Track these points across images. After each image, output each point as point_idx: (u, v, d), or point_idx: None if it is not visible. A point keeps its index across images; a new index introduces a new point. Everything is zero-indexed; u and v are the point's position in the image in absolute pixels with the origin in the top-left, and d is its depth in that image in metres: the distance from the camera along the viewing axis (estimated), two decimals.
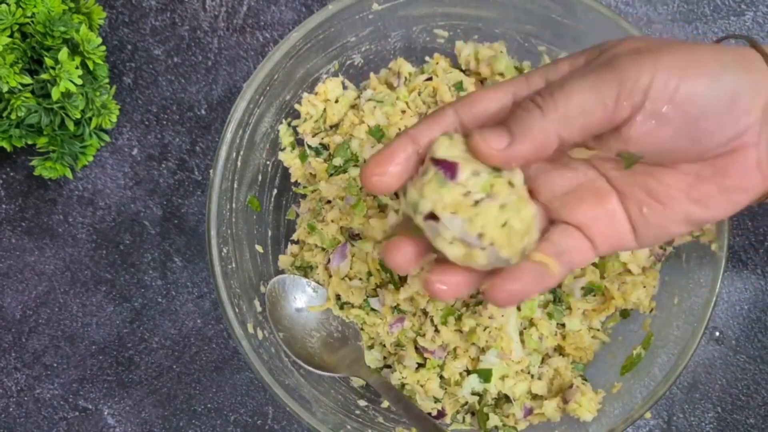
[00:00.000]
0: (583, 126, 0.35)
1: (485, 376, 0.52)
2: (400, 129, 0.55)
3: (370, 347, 0.56)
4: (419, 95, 0.56)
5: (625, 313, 0.55)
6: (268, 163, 0.56)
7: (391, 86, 0.57)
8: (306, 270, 0.56)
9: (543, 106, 0.35)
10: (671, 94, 0.34)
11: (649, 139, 0.36)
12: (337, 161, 0.55)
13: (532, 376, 0.54)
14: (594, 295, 0.54)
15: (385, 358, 0.56)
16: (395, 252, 0.39)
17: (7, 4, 0.53)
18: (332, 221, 0.55)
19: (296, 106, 0.56)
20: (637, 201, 0.40)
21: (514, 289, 0.37)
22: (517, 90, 0.38)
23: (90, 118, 0.58)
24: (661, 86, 0.34)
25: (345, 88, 0.57)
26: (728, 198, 0.38)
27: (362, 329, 0.55)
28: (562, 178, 0.40)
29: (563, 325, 0.54)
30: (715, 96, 0.35)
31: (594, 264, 0.53)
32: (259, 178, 0.56)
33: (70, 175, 0.59)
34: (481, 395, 0.54)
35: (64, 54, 0.53)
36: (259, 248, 0.56)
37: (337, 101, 0.57)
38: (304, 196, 0.58)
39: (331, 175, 0.56)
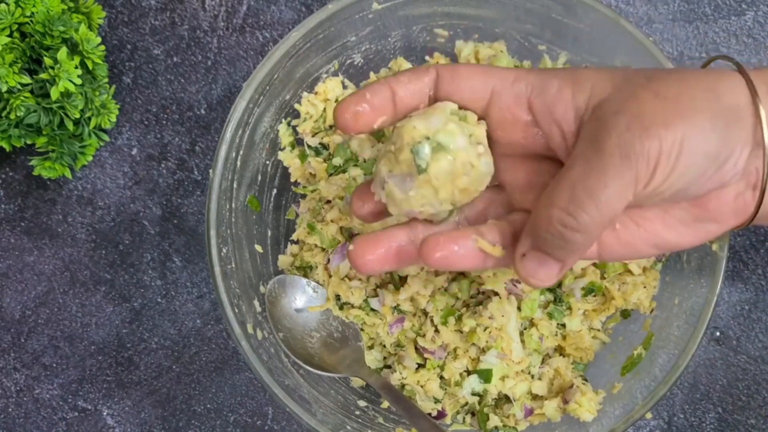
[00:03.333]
0: (613, 217, 0.35)
1: (485, 376, 0.52)
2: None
3: (370, 347, 0.56)
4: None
5: (625, 314, 0.55)
6: (267, 162, 0.56)
7: None
8: (306, 270, 0.56)
9: (580, 226, 0.34)
10: (670, 177, 0.34)
11: (656, 196, 0.36)
12: (337, 161, 0.55)
13: (533, 377, 0.54)
14: (594, 296, 0.54)
15: (385, 358, 0.56)
16: (360, 202, 0.41)
17: (7, 3, 0.53)
18: (332, 221, 0.55)
19: (296, 105, 0.56)
20: None
21: (450, 249, 0.38)
22: (498, 85, 0.38)
23: (89, 118, 0.58)
24: (667, 151, 0.34)
25: (345, 87, 0.57)
26: (701, 227, 0.39)
27: (362, 329, 0.55)
28: (533, 172, 0.40)
29: (564, 326, 0.54)
30: (703, 168, 0.35)
31: (594, 264, 0.53)
32: (259, 177, 0.56)
33: (69, 175, 0.59)
34: (481, 395, 0.54)
35: (63, 53, 0.53)
36: (258, 248, 0.56)
37: (337, 101, 0.57)
38: (303, 196, 0.58)
39: (331, 174, 0.56)
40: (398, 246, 0.40)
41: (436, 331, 0.53)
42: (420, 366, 0.54)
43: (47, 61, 0.53)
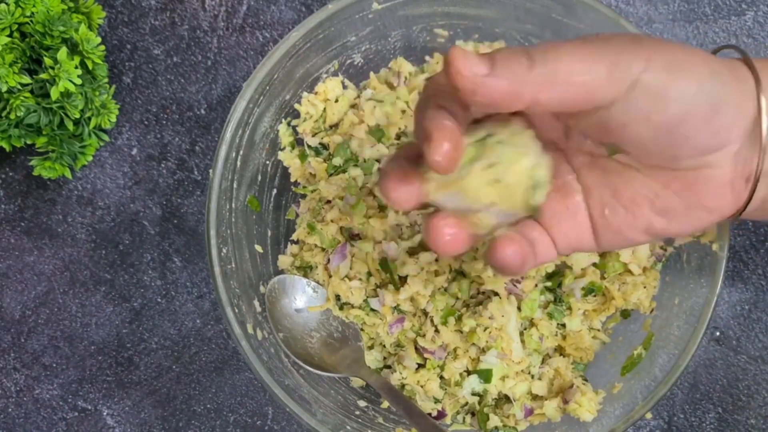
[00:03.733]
0: (563, 94, 0.33)
1: (485, 376, 0.52)
2: (400, 129, 0.55)
3: (370, 347, 0.56)
4: (419, 95, 0.56)
5: (625, 314, 0.55)
6: (267, 162, 0.56)
7: (391, 86, 0.57)
8: (306, 270, 0.56)
9: (533, 58, 0.33)
10: (657, 91, 0.34)
11: (627, 130, 0.35)
12: (337, 161, 0.55)
13: (533, 377, 0.54)
14: (594, 296, 0.54)
15: (385, 358, 0.56)
16: (397, 184, 0.36)
17: (6, 3, 0.53)
18: (332, 221, 0.55)
19: (296, 105, 0.56)
20: (600, 200, 0.39)
21: (509, 252, 0.37)
22: None
23: (89, 118, 0.58)
24: (650, 80, 0.34)
25: (345, 87, 0.57)
26: (691, 214, 0.38)
27: (362, 329, 0.55)
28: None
29: (564, 326, 0.54)
30: (698, 101, 0.34)
31: (594, 264, 0.53)
32: (259, 177, 0.56)
33: (69, 175, 0.59)
34: (481, 395, 0.54)
35: (63, 53, 0.53)
36: (258, 248, 0.56)
37: (336, 101, 0.57)
38: (303, 196, 0.58)
39: (331, 174, 0.56)
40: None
41: (436, 331, 0.53)
42: (420, 366, 0.54)
43: (47, 61, 0.53)
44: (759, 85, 0.36)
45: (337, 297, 0.54)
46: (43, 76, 0.53)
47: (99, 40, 0.55)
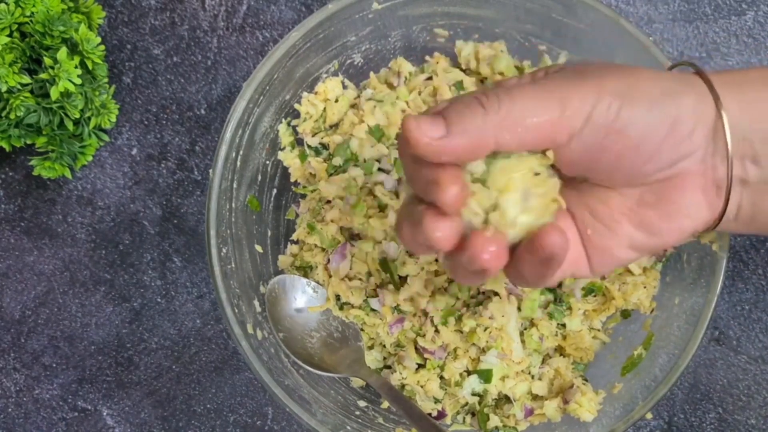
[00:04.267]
0: (522, 137, 0.34)
1: (485, 376, 0.52)
2: (400, 128, 0.55)
3: (370, 347, 0.56)
4: (419, 95, 0.56)
5: (625, 314, 0.55)
6: (267, 162, 0.56)
7: (391, 86, 0.57)
8: (306, 270, 0.56)
9: (486, 105, 0.34)
10: (611, 121, 0.34)
11: (588, 163, 0.36)
12: (337, 161, 0.55)
13: (533, 377, 0.54)
14: (594, 296, 0.54)
15: (385, 358, 0.56)
16: (439, 225, 0.35)
17: (6, 3, 0.53)
18: (332, 221, 0.55)
19: (296, 105, 0.56)
20: (582, 222, 0.40)
21: (557, 240, 0.35)
22: None
23: (89, 118, 0.58)
24: (602, 112, 0.34)
25: (345, 87, 0.57)
26: (670, 225, 0.38)
27: (362, 329, 0.55)
28: None
29: (564, 326, 0.54)
30: (654, 121, 0.35)
31: None
32: (259, 177, 0.56)
33: (69, 175, 0.59)
34: (481, 396, 0.54)
35: (63, 53, 0.53)
36: (258, 248, 0.56)
37: (336, 101, 0.57)
38: (303, 196, 0.58)
39: (331, 174, 0.56)
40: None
41: (436, 331, 0.53)
42: (420, 366, 0.54)
43: (47, 61, 0.53)
44: (718, 101, 0.36)
45: (337, 297, 0.54)
46: (42, 76, 0.53)
47: (99, 40, 0.55)
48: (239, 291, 0.52)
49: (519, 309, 0.52)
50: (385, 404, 0.55)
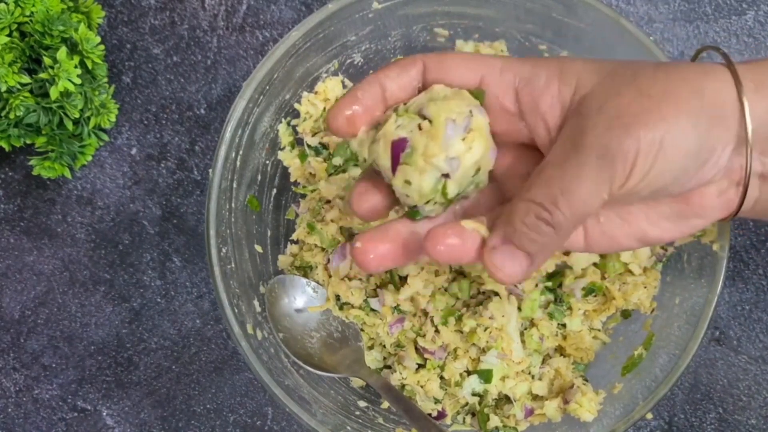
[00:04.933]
0: (586, 216, 0.35)
1: (486, 376, 0.52)
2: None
3: (370, 348, 0.56)
4: None
5: (626, 314, 0.55)
6: (267, 162, 0.56)
7: None
8: (306, 270, 0.56)
9: (554, 223, 0.34)
10: (656, 152, 0.34)
11: (634, 195, 0.36)
12: (337, 161, 0.55)
13: (533, 377, 0.54)
14: (595, 296, 0.54)
15: (385, 358, 0.56)
16: (361, 199, 0.40)
17: (6, 3, 0.53)
18: (332, 221, 0.55)
19: (296, 105, 0.56)
20: None
21: (454, 241, 0.37)
22: (487, 74, 0.38)
23: (89, 118, 0.57)
24: (645, 151, 0.34)
25: (345, 87, 0.57)
26: (685, 222, 0.39)
27: (362, 329, 0.55)
28: (525, 159, 0.40)
29: (564, 326, 0.54)
30: (685, 166, 0.35)
31: (595, 264, 0.53)
32: (259, 177, 0.56)
33: (68, 175, 0.59)
34: (481, 396, 0.54)
35: (62, 53, 0.53)
36: (258, 248, 0.55)
37: (336, 100, 0.57)
38: (303, 196, 0.58)
39: (331, 174, 0.56)
40: (403, 240, 0.39)
41: (437, 331, 0.53)
42: (420, 366, 0.54)
43: (47, 60, 0.53)
44: (740, 86, 0.35)
45: (337, 297, 0.54)
46: (42, 75, 0.53)
47: (98, 39, 0.55)
48: (239, 291, 0.52)
49: (519, 309, 0.52)
50: (385, 404, 0.55)
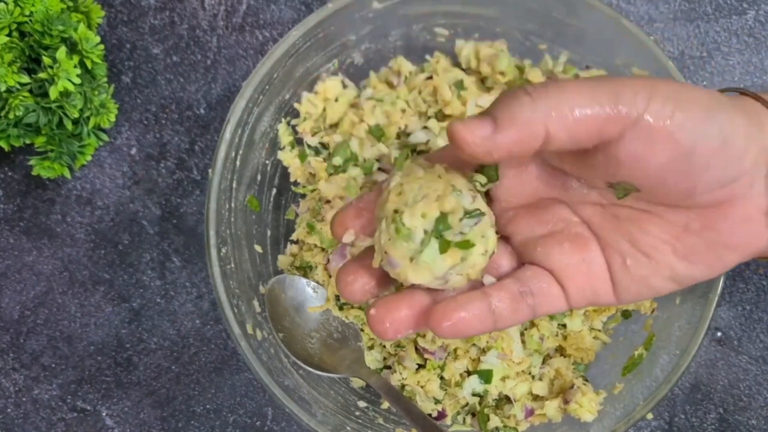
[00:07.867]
0: (573, 128, 0.32)
1: (486, 376, 0.52)
2: (400, 128, 0.55)
3: (370, 348, 0.55)
4: (419, 94, 0.56)
5: (626, 314, 0.55)
6: (267, 162, 0.56)
7: (391, 85, 0.57)
8: (306, 270, 0.56)
9: (534, 94, 0.32)
10: (666, 119, 0.32)
11: (638, 164, 0.34)
12: (337, 161, 0.55)
13: (533, 377, 0.54)
14: None
15: (385, 358, 0.56)
16: (350, 282, 0.39)
17: (5, 2, 0.53)
18: None
19: (296, 105, 0.56)
20: (619, 251, 0.38)
21: (459, 316, 0.36)
22: None
23: (88, 118, 0.57)
24: (657, 108, 0.32)
25: (345, 87, 0.57)
26: (716, 255, 0.37)
27: (362, 330, 0.55)
28: (539, 222, 0.39)
29: (564, 326, 0.54)
30: (707, 132, 0.33)
31: None
32: (258, 177, 0.56)
33: (68, 175, 0.59)
34: (481, 396, 0.54)
35: (62, 53, 0.53)
36: (258, 248, 0.55)
37: (336, 100, 0.57)
38: (303, 196, 0.58)
39: (331, 174, 0.56)
40: (421, 307, 0.38)
41: None
42: (420, 366, 0.54)
43: (46, 60, 0.53)
44: None
45: (337, 297, 0.54)
46: (42, 75, 0.53)
47: (98, 39, 0.55)
48: (239, 291, 0.52)
49: None
50: (385, 405, 0.55)
